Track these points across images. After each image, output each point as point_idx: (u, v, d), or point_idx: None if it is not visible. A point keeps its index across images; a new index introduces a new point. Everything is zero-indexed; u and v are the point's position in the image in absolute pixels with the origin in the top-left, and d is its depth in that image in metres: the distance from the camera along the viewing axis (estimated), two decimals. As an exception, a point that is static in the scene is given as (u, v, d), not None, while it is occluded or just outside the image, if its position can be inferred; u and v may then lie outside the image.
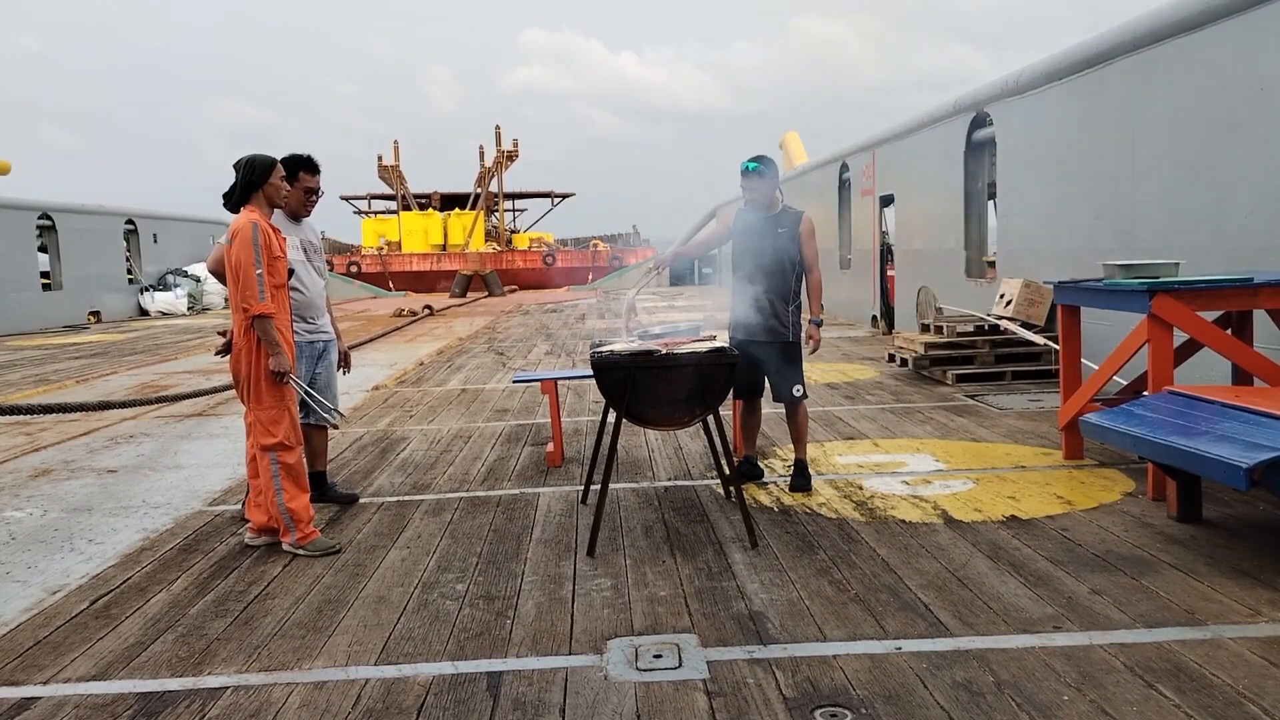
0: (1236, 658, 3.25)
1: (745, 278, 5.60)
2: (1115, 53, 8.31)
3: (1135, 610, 3.68)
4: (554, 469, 6.38)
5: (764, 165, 5.52)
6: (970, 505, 5.18)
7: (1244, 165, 6.79)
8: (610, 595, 4.04)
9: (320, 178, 5.44)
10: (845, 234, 17.46)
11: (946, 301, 11.62)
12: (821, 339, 5.69)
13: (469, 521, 5.22)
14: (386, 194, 44.50)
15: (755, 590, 4.03)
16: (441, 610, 3.95)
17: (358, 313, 24.59)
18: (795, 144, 26.84)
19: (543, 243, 43.06)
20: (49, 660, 3.61)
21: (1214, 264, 6.60)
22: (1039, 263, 9.84)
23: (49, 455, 7.49)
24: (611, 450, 4.80)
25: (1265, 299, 5.19)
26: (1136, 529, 4.67)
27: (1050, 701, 3.00)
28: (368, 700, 3.20)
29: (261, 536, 4.87)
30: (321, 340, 5.44)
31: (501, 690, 3.22)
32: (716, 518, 5.11)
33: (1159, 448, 4.30)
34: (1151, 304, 5.04)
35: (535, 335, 16.57)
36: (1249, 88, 6.69)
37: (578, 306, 24.74)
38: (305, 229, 5.48)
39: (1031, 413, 7.73)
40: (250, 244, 4.56)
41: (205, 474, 6.62)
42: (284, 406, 4.72)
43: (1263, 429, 4.01)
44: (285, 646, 3.65)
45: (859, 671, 3.25)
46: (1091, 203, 8.83)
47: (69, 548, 5.04)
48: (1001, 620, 3.63)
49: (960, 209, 11.95)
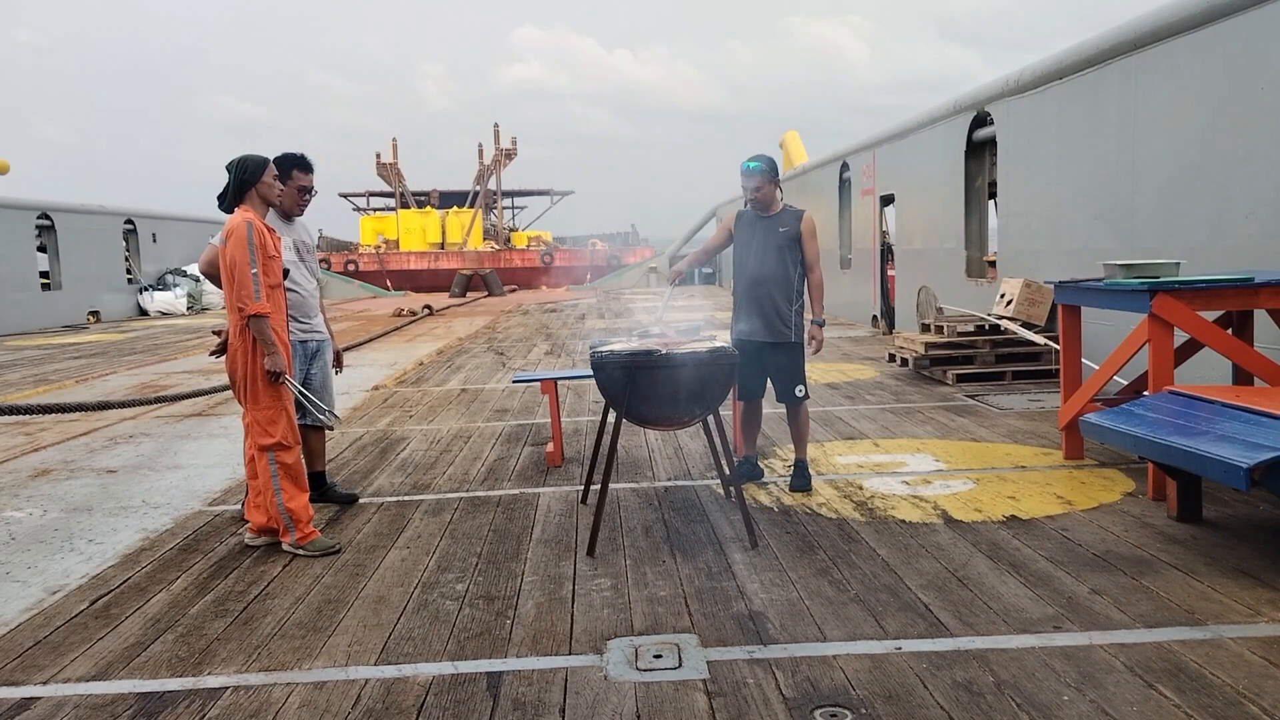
0: (1236, 658, 3.25)
1: (747, 278, 5.59)
2: (1116, 52, 8.31)
3: (1135, 610, 3.68)
4: (554, 469, 6.38)
5: (765, 164, 5.51)
6: (970, 505, 5.18)
7: (1244, 165, 6.79)
8: (610, 595, 4.03)
9: (314, 176, 5.43)
10: (845, 234, 17.45)
11: (947, 301, 11.62)
12: (824, 339, 5.69)
13: (469, 521, 5.22)
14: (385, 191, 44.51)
15: (755, 590, 4.02)
16: (441, 610, 3.95)
17: (357, 312, 24.58)
18: (795, 143, 26.81)
19: (541, 241, 43.04)
20: (49, 660, 3.60)
21: (1214, 264, 6.60)
22: (1039, 262, 9.84)
23: (49, 455, 7.49)
24: (611, 450, 4.80)
25: (1266, 299, 5.19)
26: (1137, 529, 4.67)
27: (1050, 701, 3.00)
28: (368, 700, 3.19)
29: (261, 537, 4.87)
30: (315, 340, 5.44)
31: (501, 690, 3.22)
32: (716, 518, 5.11)
33: (1159, 448, 4.30)
34: (1152, 304, 5.04)
35: (535, 335, 16.57)
36: (1250, 88, 6.69)
37: (577, 306, 24.73)
38: (298, 228, 5.48)
39: (1032, 413, 7.73)
40: (245, 243, 4.56)
41: (205, 474, 6.62)
42: (281, 406, 4.71)
43: (1263, 429, 4.01)
44: (285, 646, 3.65)
45: (859, 671, 3.24)
46: (1092, 202, 8.83)
47: (69, 548, 5.03)
48: (1001, 620, 3.63)
49: (961, 209, 11.95)
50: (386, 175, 42.31)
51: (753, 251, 5.57)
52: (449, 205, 42.98)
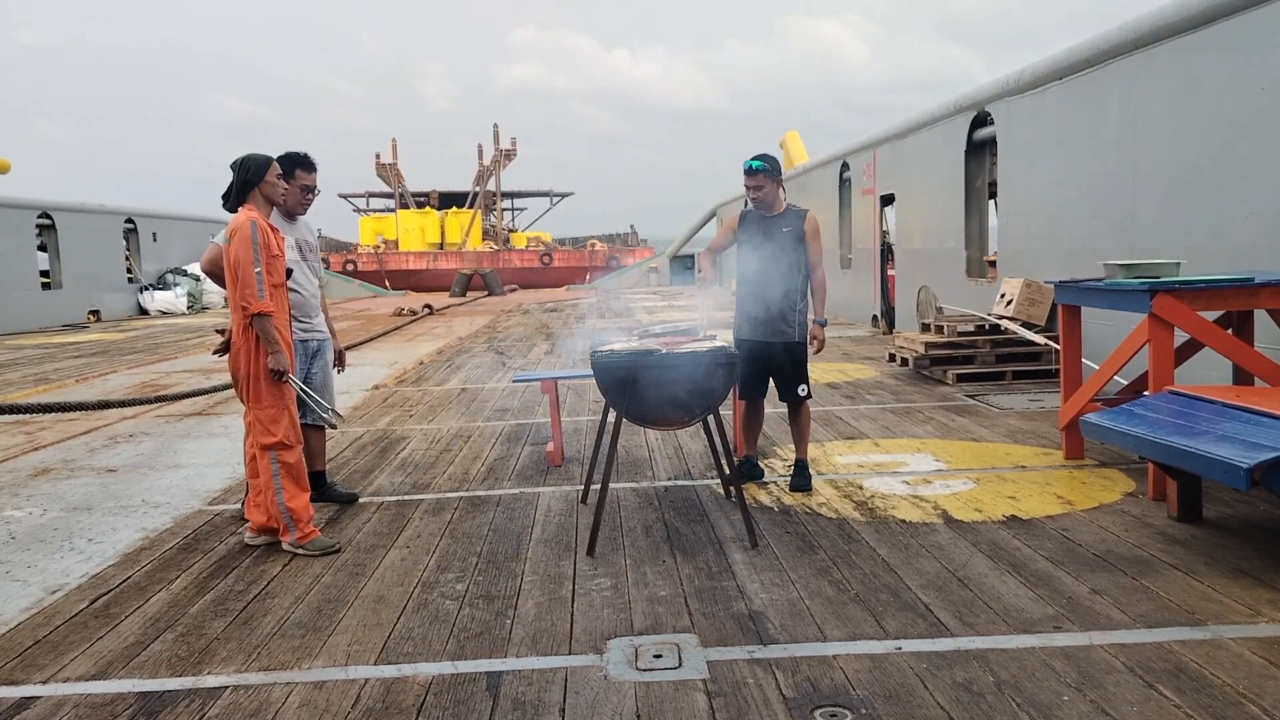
0: (1237, 658, 3.25)
1: (750, 277, 5.59)
2: (1116, 52, 8.31)
3: (1135, 610, 3.68)
4: (554, 468, 6.37)
5: (768, 163, 5.51)
6: (970, 505, 5.18)
7: (1244, 165, 6.78)
8: (610, 595, 4.03)
9: (317, 175, 5.44)
10: (846, 233, 17.45)
11: (947, 301, 11.62)
12: (825, 339, 5.69)
13: (469, 521, 5.22)
14: (385, 192, 44.50)
15: (755, 590, 4.02)
16: (441, 610, 3.95)
17: (357, 311, 24.58)
18: (796, 143, 26.79)
19: (540, 242, 43.03)
20: (48, 659, 3.60)
21: (1214, 264, 6.60)
22: (1040, 262, 9.83)
23: (49, 454, 7.49)
24: (611, 450, 4.80)
25: (1266, 299, 5.19)
26: (1137, 529, 4.67)
27: (1050, 701, 3.00)
28: (367, 700, 3.19)
29: (261, 536, 4.86)
30: (316, 339, 5.43)
31: (501, 690, 3.22)
32: (716, 518, 5.11)
33: (1159, 448, 4.30)
34: (1152, 304, 5.03)
35: (535, 335, 16.56)
36: (1250, 88, 6.68)
37: (577, 306, 24.72)
38: (301, 228, 5.48)
39: (1032, 412, 7.73)
40: (249, 242, 4.56)
41: (205, 473, 6.62)
42: (283, 405, 4.71)
43: (1263, 429, 4.01)
44: (285, 646, 3.64)
45: (859, 671, 3.24)
46: (1092, 202, 8.82)
47: (69, 547, 5.03)
48: (1001, 620, 3.63)
49: (961, 208, 11.95)
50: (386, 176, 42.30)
51: (756, 251, 5.57)
52: (448, 206, 42.97)
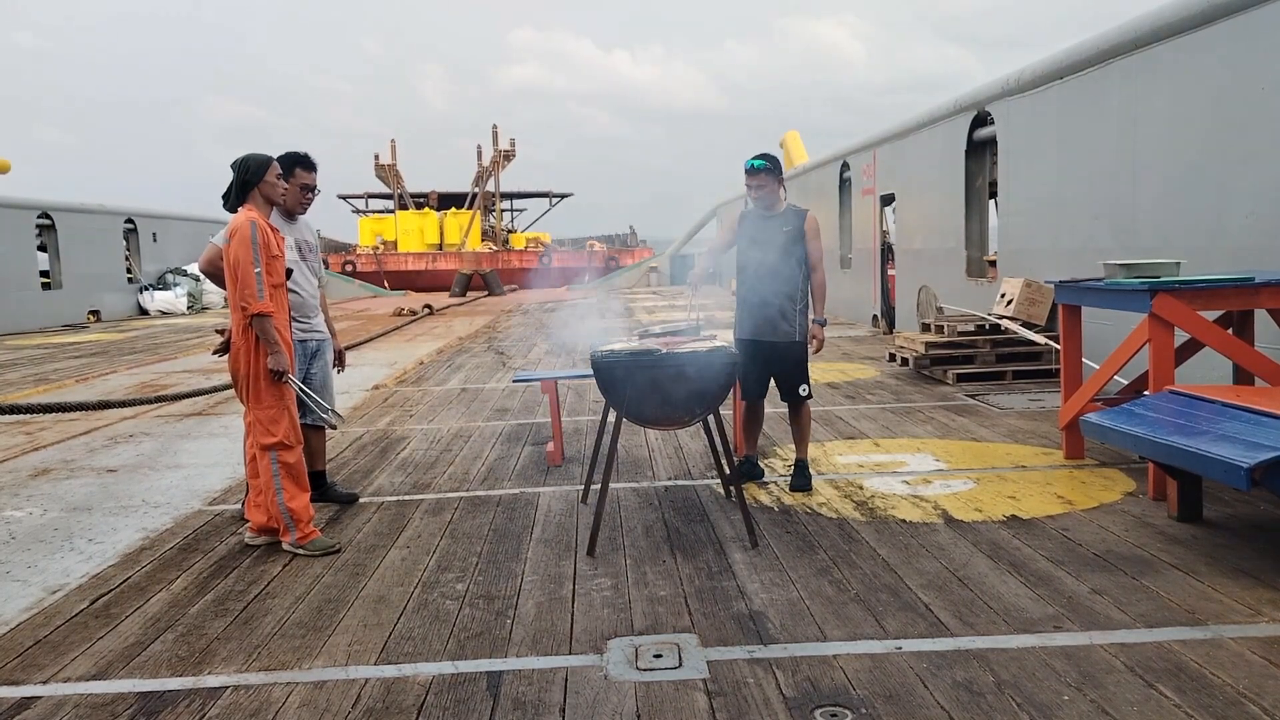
0: (1237, 658, 3.25)
1: (751, 277, 5.59)
2: (1116, 52, 8.31)
3: (1136, 610, 3.68)
4: (554, 468, 6.37)
5: (769, 163, 5.51)
6: (970, 505, 5.18)
7: (1244, 165, 6.78)
8: (610, 595, 4.03)
9: (316, 174, 5.43)
10: (846, 233, 17.45)
11: (947, 301, 11.62)
12: (825, 338, 5.69)
13: (469, 521, 5.22)
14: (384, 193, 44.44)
15: (755, 590, 4.02)
16: (441, 610, 3.95)
17: (357, 312, 24.58)
18: (795, 143, 26.79)
19: (539, 243, 43.00)
20: (49, 659, 3.60)
21: (1214, 264, 6.60)
22: (1040, 262, 9.83)
23: (49, 454, 7.49)
24: (611, 450, 4.80)
25: (1266, 298, 5.19)
26: (1137, 529, 4.67)
27: (1050, 701, 3.00)
28: (368, 700, 3.19)
29: (261, 536, 4.86)
30: (315, 339, 5.43)
31: (501, 690, 3.22)
32: (716, 517, 5.11)
33: (1160, 447, 4.30)
34: (1152, 303, 5.03)
35: (535, 335, 16.56)
36: (1250, 87, 6.68)
37: (578, 306, 24.71)
38: (301, 228, 5.47)
39: (1032, 412, 7.73)
40: (249, 242, 4.56)
41: (205, 473, 6.62)
42: (283, 406, 4.71)
43: (1264, 429, 4.01)
44: (285, 646, 3.64)
45: (859, 671, 3.24)
46: (1092, 202, 8.82)
47: (69, 547, 5.03)
48: (1002, 620, 3.63)
49: (961, 208, 11.95)
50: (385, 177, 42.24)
51: (756, 250, 5.57)
52: (447, 207, 42.90)
